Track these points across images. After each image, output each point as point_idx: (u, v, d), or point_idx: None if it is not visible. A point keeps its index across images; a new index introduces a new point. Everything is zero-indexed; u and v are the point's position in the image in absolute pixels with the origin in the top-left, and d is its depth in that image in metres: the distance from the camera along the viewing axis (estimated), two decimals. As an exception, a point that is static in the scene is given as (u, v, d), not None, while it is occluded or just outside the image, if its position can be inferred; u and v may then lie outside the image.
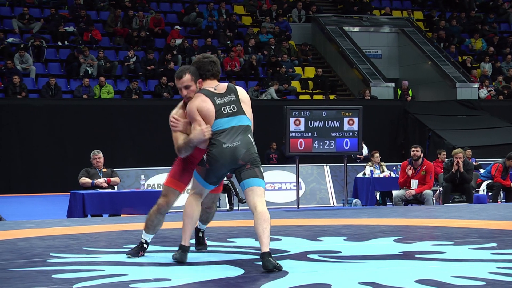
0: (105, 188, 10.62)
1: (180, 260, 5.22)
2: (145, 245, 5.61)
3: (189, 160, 5.42)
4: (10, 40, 20.22)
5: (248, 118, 5.29)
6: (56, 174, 17.35)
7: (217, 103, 5.21)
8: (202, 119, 5.19)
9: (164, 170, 14.17)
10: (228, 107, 5.22)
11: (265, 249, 4.94)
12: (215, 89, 5.29)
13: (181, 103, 5.46)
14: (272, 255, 4.95)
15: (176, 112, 5.43)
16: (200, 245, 5.86)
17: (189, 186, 5.47)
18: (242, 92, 5.36)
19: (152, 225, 5.61)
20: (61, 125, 17.76)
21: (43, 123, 17.62)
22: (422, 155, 11.84)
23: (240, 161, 5.16)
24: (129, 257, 5.50)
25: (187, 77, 5.29)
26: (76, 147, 17.39)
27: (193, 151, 5.32)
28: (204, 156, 5.20)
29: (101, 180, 10.65)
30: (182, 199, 5.71)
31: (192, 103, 5.24)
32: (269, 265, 4.87)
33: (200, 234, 5.85)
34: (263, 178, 5.23)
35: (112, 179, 10.81)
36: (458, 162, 12.10)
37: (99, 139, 17.01)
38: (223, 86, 5.33)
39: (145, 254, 5.66)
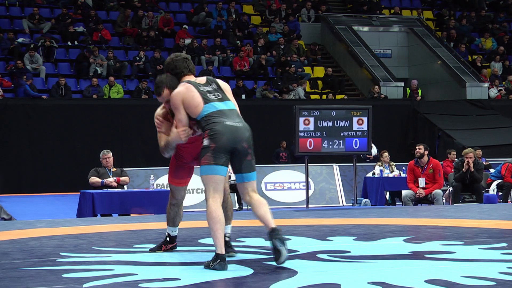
0: (114, 187, 10.65)
1: (221, 270, 4.88)
2: (167, 239, 5.72)
3: (177, 156, 5.57)
4: (20, 40, 20.30)
5: (234, 104, 5.32)
6: (66, 173, 17.41)
7: (202, 90, 5.22)
8: (187, 108, 5.18)
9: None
10: (214, 95, 5.23)
11: (273, 224, 5.01)
12: (195, 80, 5.34)
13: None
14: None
15: (159, 112, 5.55)
16: (229, 248, 5.49)
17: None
18: (221, 82, 5.41)
19: (169, 218, 5.74)
20: (70, 125, 17.82)
21: (53, 123, 17.68)
22: (426, 152, 11.81)
23: (244, 143, 5.09)
24: (151, 252, 5.70)
25: (166, 92, 5.37)
26: (85, 147, 17.44)
27: (177, 148, 5.47)
28: (206, 140, 5.06)
29: (111, 180, 10.67)
30: (190, 197, 5.74)
31: (176, 93, 5.23)
32: (282, 238, 4.93)
33: (227, 239, 5.48)
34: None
35: (121, 178, 10.84)
36: (468, 161, 12.06)
37: (109, 139, 17.05)
38: (202, 78, 5.41)
39: (155, 253, 5.67)
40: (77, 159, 17.46)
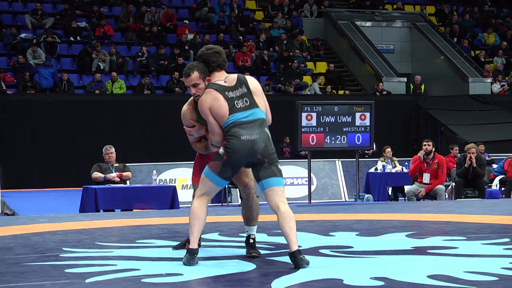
0: (117, 182, 10.66)
1: (188, 265, 4.94)
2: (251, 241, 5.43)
3: (205, 155, 5.36)
4: (23, 35, 20.31)
5: (262, 110, 5.11)
6: (69, 169, 17.42)
7: (229, 97, 5.02)
8: (215, 117, 5.00)
9: (176, 165, 14.21)
10: (241, 101, 5.03)
11: (295, 247, 4.85)
12: (225, 82, 5.10)
13: (191, 99, 5.32)
14: (283, 250, 4.94)
15: (186, 114, 5.28)
16: (252, 249, 5.40)
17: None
18: (253, 83, 5.16)
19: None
20: (73, 120, 17.82)
21: (56, 118, 17.69)
22: (433, 149, 11.82)
23: (258, 156, 4.99)
24: (174, 249, 5.61)
25: (195, 75, 5.11)
26: (88, 142, 17.45)
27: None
28: (221, 149, 5.00)
29: (113, 175, 10.67)
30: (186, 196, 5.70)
31: (203, 101, 5.04)
32: (302, 263, 4.81)
33: (251, 241, 5.42)
34: (282, 176, 5.08)
35: (124, 173, 10.84)
36: (470, 157, 12.05)
37: (111, 134, 17.07)
38: (233, 78, 5.14)
39: (158, 248, 5.67)
40: (80, 155, 17.48)
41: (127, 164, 11.32)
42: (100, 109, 18.07)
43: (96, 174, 10.67)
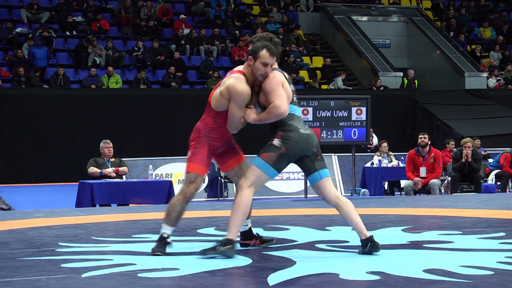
0: (113, 178, 10.65)
1: (229, 256, 4.94)
2: (168, 240, 5.23)
3: (211, 140, 5.23)
4: (18, 30, 20.26)
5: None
6: (65, 163, 17.40)
7: (291, 88, 5.23)
8: None
9: (172, 160, 14.20)
10: (295, 96, 5.25)
11: (367, 233, 5.09)
12: (286, 75, 5.28)
13: (243, 79, 5.15)
14: (280, 245, 4.96)
15: (247, 91, 5.10)
16: (263, 238, 5.60)
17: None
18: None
19: (177, 217, 5.27)
20: (69, 115, 17.80)
21: (52, 113, 17.66)
22: (429, 142, 11.83)
23: (314, 149, 5.16)
24: (157, 255, 5.15)
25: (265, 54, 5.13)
26: (84, 137, 17.43)
27: (216, 132, 5.21)
28: (278, 141, 5.05)
29: (110, 170, 10.66)
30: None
31: (278, 76, 5.11)
32: (378, 248, 5.06)
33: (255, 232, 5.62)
34: None
35: (120, 168, 10.83)
36: (466, 151, 12.07)
37: (108, 129, 17.04)
38: (286, 74, 5.32)
39: (154, 243, 5.65)
40: (76, 149, 17.45)
41: (123, 159, 11.31)
42: (97, 103, 18.04)
43: (93, 169, 10.66)
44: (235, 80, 5.13)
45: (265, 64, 5.12)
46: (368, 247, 5.04)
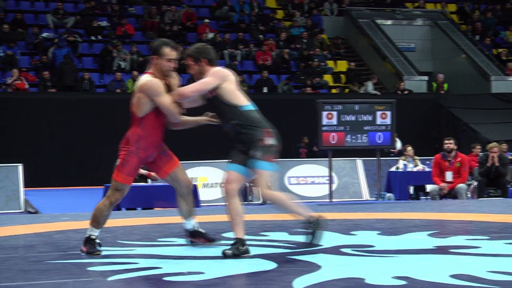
0: (153, 180, 10.62)
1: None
2: (97, 241, 5.50)
3: (142, 148, 5.48)
4: (44, 35, 20.46)
5: None
6: (91, 167, 17.52)
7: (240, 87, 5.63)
8: (230, 93, 5.48)
9: (197, 164, 14.22)
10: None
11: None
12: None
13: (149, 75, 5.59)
14: (305, 249, 4.98)
15: (155, 79, 5.55)
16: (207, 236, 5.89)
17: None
18: None
19: (104, 220, 5.60)
20: (95, 119, 17.93)
21: (77, 117, 17.79)
22: (455, 147, 11.75)
23: None
24: (96, 254, 5.38)
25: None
26: (110, 141, 17.40)
27: (144, 141, 5.44)
28: (271, 139, 5.35)
29: (144, 172, 10.52)
30: (212, 191, 5.72)
31: (223, 71, 5.52)
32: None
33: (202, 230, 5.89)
34: None
35: (152, 173, 10.75)
36: (493, 156, 11.96)
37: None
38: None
39: (179, 247, 5.67)
40: (101, 153, 17.53)
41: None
42: (122, 107, 18.07)
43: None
44: (141, 79, 5.49)
45: (169, 60, 5.50)
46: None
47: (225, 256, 5.21)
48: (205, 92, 5.43)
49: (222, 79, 5.40)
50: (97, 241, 5.50)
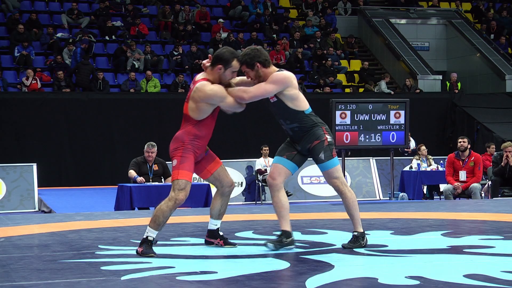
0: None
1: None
2: (154, 241, 5.42)
3: (196, 148, 5.51)
4: (59, 35, 20.56)
5: None
6: (104, 167, 17.60)
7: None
8: (298, 98, 5.58)
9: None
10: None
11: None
12: None
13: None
14: (318, 248, 4.97)
15: (218, 86, 5.48)
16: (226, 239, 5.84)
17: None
18: None
19: (164, 222, 5.46)
20: (108, 119, 17.99)
21: (91, 116, 17.87)
22: (469, 146, 11.70)
23: None
24: (150, 256, 5.26)
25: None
26: (123, 141, 17.60)
27: (200, 141, 5.48)
28: (329, 136, 5.58)
29: (139, 179, 10.54)
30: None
31: (289, 75, 5.56)
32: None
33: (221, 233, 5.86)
34: None
35: (168, 179, 10.73)
36: (507, 155, 11.90)
37: (146, 133, 17.17)
38: None
39: (193, 246, 5.68)
40: (115, 153, 17.63)
41: (168, 162, 11.24)
42: (135, 107, 18.20)
43: (130, 174, 10.65)
44: (201, 87, 5.39)
45: (233, 72, 5.45)
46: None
47: (268, 247, 5.40)
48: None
49: (284, 86, 5.42)
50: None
